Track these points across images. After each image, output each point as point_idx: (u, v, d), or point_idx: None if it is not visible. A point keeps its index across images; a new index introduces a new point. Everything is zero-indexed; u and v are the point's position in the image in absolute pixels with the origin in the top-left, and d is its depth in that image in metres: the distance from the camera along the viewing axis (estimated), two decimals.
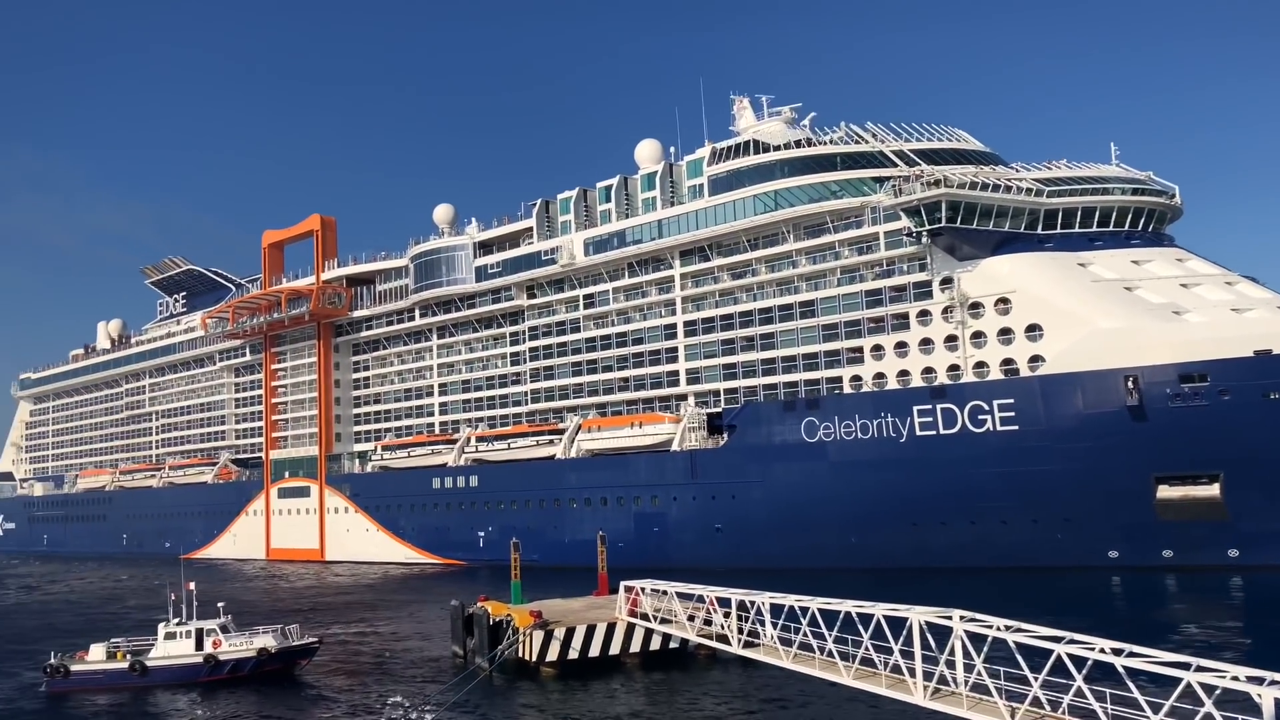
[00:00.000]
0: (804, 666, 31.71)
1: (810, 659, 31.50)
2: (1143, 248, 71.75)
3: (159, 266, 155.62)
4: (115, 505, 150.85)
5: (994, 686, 24.62)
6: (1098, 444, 65.06)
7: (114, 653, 45.62)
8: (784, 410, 78.48)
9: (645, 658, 42.61)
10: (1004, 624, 25.38)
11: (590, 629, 42.50)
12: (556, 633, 42.00)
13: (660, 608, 41.34)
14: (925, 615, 27.24)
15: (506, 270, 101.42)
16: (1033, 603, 49.74)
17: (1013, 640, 24.56)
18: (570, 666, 41.55)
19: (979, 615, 26.16)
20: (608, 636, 42.56)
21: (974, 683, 25.60)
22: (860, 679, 29.28)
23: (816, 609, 31.48)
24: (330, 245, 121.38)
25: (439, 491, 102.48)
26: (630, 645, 42.67)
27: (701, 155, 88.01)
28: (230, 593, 63.87)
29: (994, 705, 24.68)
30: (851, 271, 78.56)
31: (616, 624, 42.83)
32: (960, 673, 26.00)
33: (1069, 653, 23.15)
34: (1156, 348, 63.65)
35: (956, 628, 26.05)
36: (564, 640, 41.93)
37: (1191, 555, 64.68)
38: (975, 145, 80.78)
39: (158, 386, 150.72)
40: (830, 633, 30.67)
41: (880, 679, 28.52)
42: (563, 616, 44.33)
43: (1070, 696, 23.05)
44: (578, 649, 42.08)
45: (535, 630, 41.94)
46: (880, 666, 28.61)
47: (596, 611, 45.47)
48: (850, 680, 29.50)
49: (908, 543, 71.41)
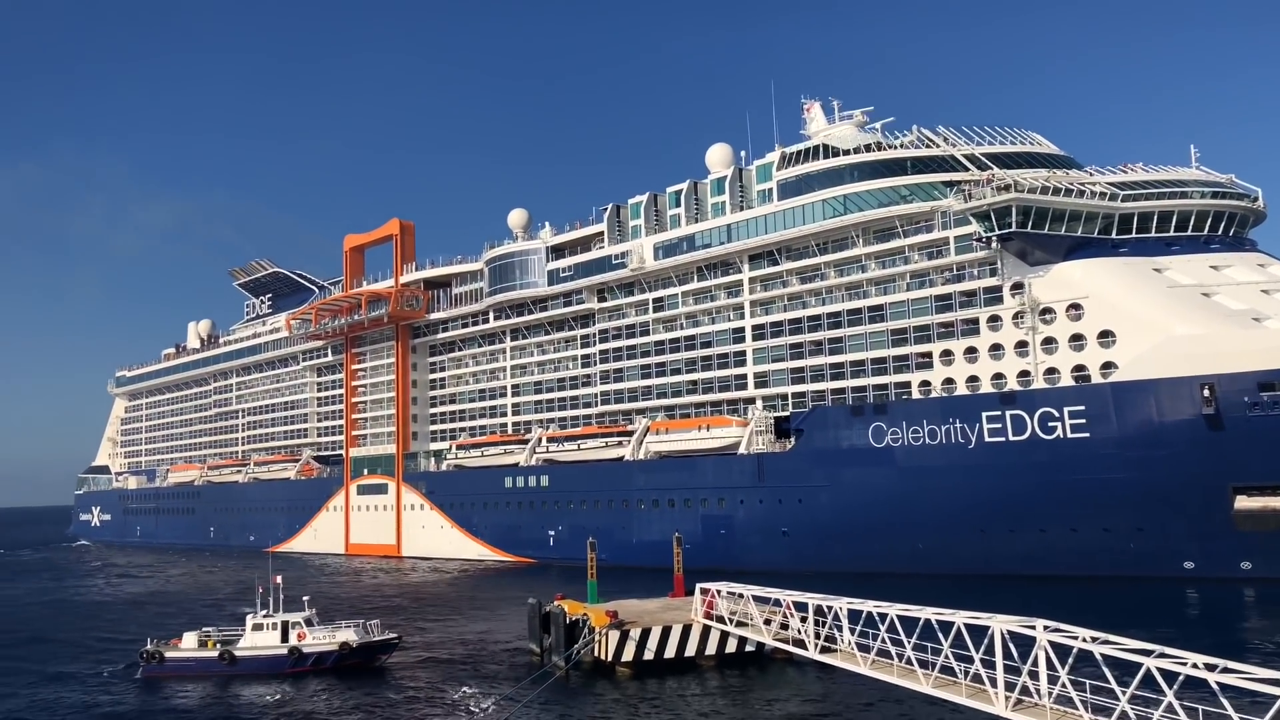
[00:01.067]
0: (882, 673, 31.19)
1: (888, 665, 31.01)
2: (1222, 252, 70.18)
3: (246, 269, 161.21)
4: (203, 499, 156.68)
5: (1079, 699, 23.84)
6: (1172, 453, 63.91)
7: (205, 641, 47.60)
8: (852, 415, 78.50)
9: (720, 660, 42.53)
10: (1090, 635, 24.58)
11: (666, 630, 42.46)
12: (632, 633, 42.04)
13: (736, 610, 41.25)
14: (1008, 624, 26.54)
15: (578, 274, 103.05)
16: (1104, 613, 49.36)
17: (1099, 652, 23.73)
18: (645, 667, 41.59)
19: (1063, 625, 25.35)
20: (683, 638, 42.53)
21: (1058, 694, 24.86)
22: (939, 687, 28.62)
23: (895, 615, 30.99)
24: (409, 249, 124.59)
25: (511, 490, 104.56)
26: (706, 648, 42.58)
27: (771, 160, 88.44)
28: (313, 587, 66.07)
29: (1079, 718, 23.95)
30: (921, 276, 78.23)
31: (692, 626, 42.80)
32: (1044, 684, 25.25)
33: (1160, 667, 22.22)
34: (1234, 355, 62.25)
35: (1040, 637, 25.25)
36: (639, 641, 41.94)
37: (1271, 568, 63.15)
38: (1049, 148, 79.75)
39: (244, 385, 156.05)
40: (909, 639, 30.07)
41: (960, 688, 27.89)
42: (638, 617, 44.45)
43: (1160, 712, 22.12)
44: (653, 650, 42.06)
45: (611, 630, 41.99)
46: (960, 675, 27.96)
47: (672, 613, 45.50)
48: (929, 688, 28.86)
49: (975, 549, 70.91)
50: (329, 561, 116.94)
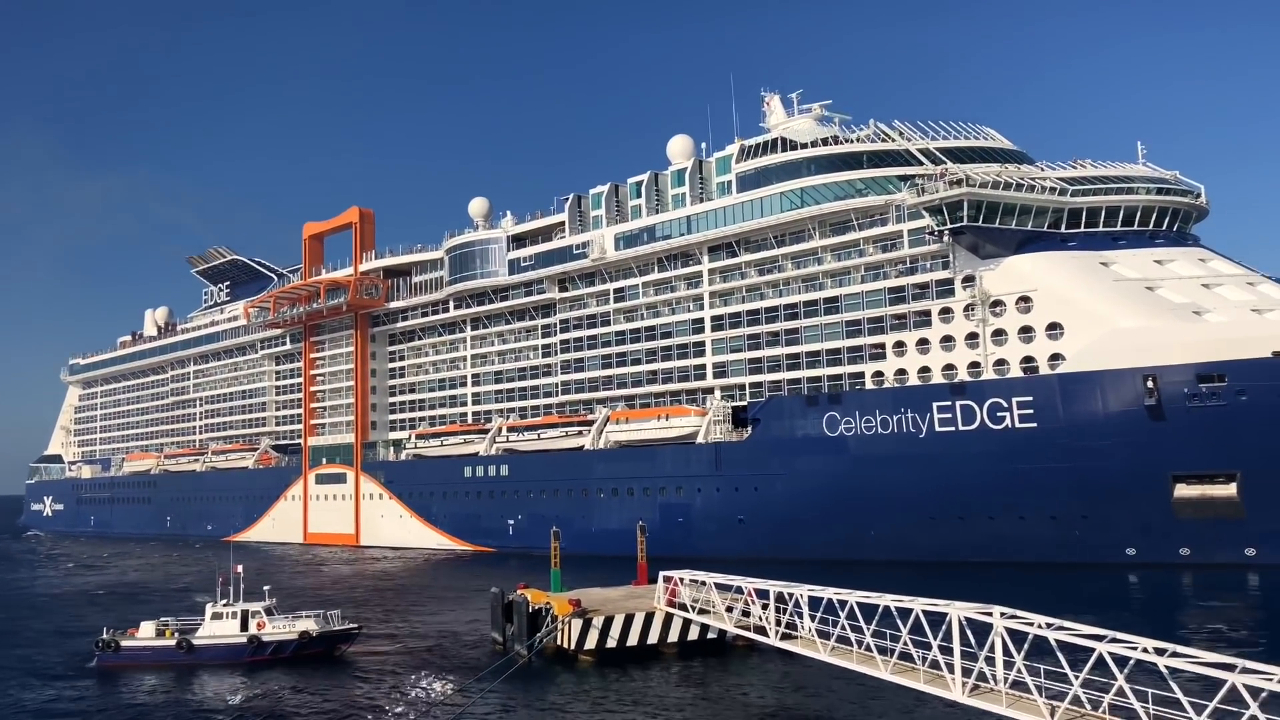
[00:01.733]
0: (841, 659, 31.51)
1: (848, 652, 31.29)
2: (1166, 247, 72.07)
3: (204, 256, 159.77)
4: (159, 488, 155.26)
5: (1034, 684, 24.26)
6: (1116, 442, 65.68)
7: (163, 630, 46.96)
8: (806, 405, 79.72)
9: (683, 647, 42.62)
10: (1045, 621, 25.00)
11: (629, 618, 42.44)
12: (595, 621, 42.03)
13: (699, 598, 41.29)
14: (965, 611, 26.85)
15: (539, 264, 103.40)
16: (1050, 599, 50.08)
17: (1053, 638, 24.16)
18: (608, 655, 41.54)
19: (1019, 612, 25.78)
20: (646, 626, 42.57)
21: (1013, 680, 25.20)
22: (898, 674, 28.96)
23: (855, 602, 31.21)
24: (368, 237, 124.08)
25: (470, 480, 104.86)
26: (668, 635, 42.66)
27: (730, 152, 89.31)
28: (273, 576, 65.37)
29: (1034, 703, 24.33)
30: (876, 268, 79.55)
31: (655, 613, 42.84)
32: (1000, 670, 25.58)
33: (1111, 651, 22.67)
34: (1176, 348, 64.11)
35: (997, 624, 25.61)
36: (602, 629, 41.95)
37: (1208, 553, 65.08)
38: (1002, 143, 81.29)
39: (202, 373, 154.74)
40: (869, 626, 30.41)
41: (918, 674, 28.15)
42: (601, 605, 44.44)
43: (1111, 696, 22.67)
44: (616, 638, 42.02)
45: (574, 618, 41.98)
46: (919, 662, 28.21)
47: (635, 600, 45.54)
48: (888, 675, 29.20)
49: (927, 537, 72.38)
50: (288, 551, 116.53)
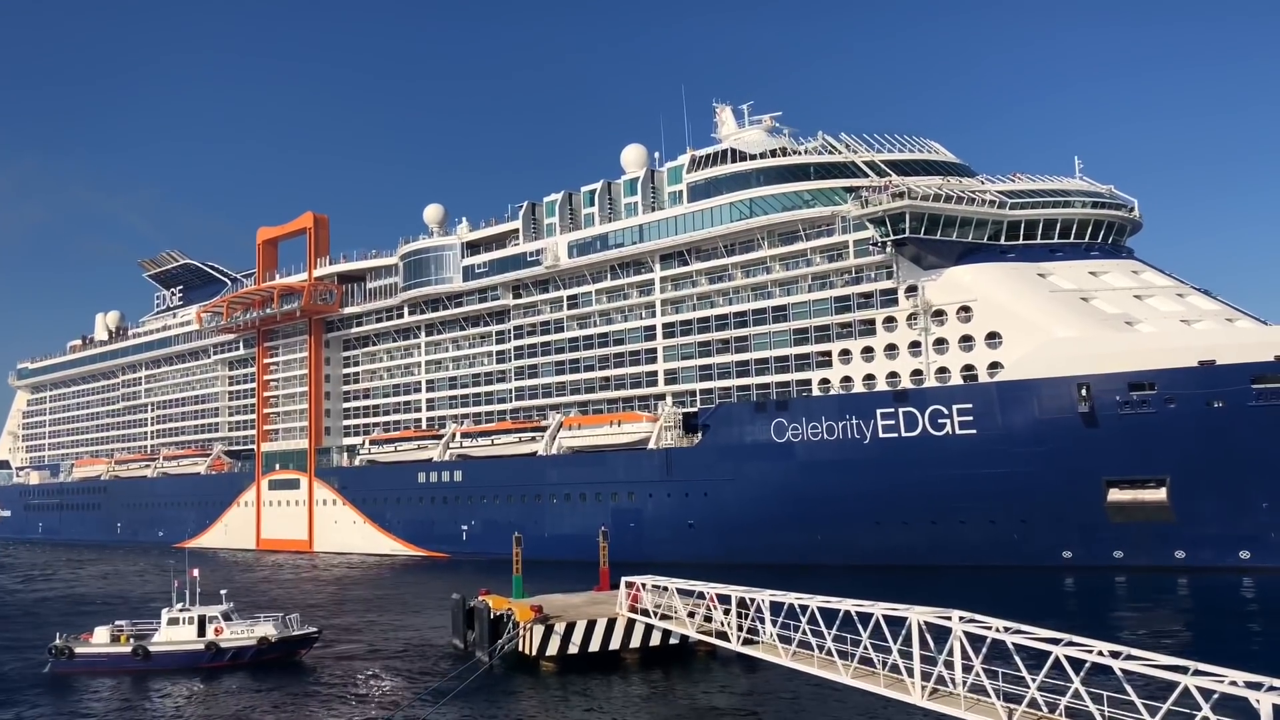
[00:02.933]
0: (802, 664, 31.72)
1: (809, 657, 31.47)
2: (1101, 259, 74.40)
3: (156, 260, 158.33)
4: (110, 494, 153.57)
5: (992, 688, 24.54)
6: (1052, 448, 67.71)
7: (118, 636, 46.16)
8: (755, 411, 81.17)
9: (645, 653, 42.67)
10: (1003, 625, 25.29)
11: (591, 624, 42.47)
12: (557, 627, 42.03)
13: (661, 604, 41.36)
14: (924, 615, 27.18)
15: (493, 270, 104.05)
16: (990, 601, 51.72)
17: (1011, 641, 24.51)
18: (570, 661, 41.59)
19: (978, 616, 26.10)
20: (608, 632, 42.56)
21: (972, 683, 25.54)
22: (858, 678, 29.21)
23: (816, 607, 31.40)
24: (323, 242, 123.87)
25: (424, 486, 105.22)
26: (630, 641, 42.66)
27: (681, 162, 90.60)
28: (227, 582, 64.61)
29: (991, 706, 24.57)
30: (822, 278, 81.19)
31: (617, 619, 42.81)
32: (959, 673, 25.89)
33: (1067, 654, 23.00)
34: (1108, 357, 66.23)
35: (955, 628, 25.95)
36: (564, 635, 41.98)
37: (1140, 556, 67.35)
38: (946, 156, 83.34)
39: (153, 378, 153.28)
40: (829, 631, 30.59)
41: (879, 678, 28.47)
42: (563, 611, 44.34)
43: (1067, 698, 23.02)
44: (578, 644, 42.09)
45: (536, 624, 41.93)
46: (879, 666, 28.56)
47: (597, 607, 45.47)
48: (848, 679, 29.43)
49: (871, 541, 74.00)
50: (241, 557, 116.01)
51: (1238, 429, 62.91)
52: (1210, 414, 63.47)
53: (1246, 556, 65.16)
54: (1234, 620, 52.51)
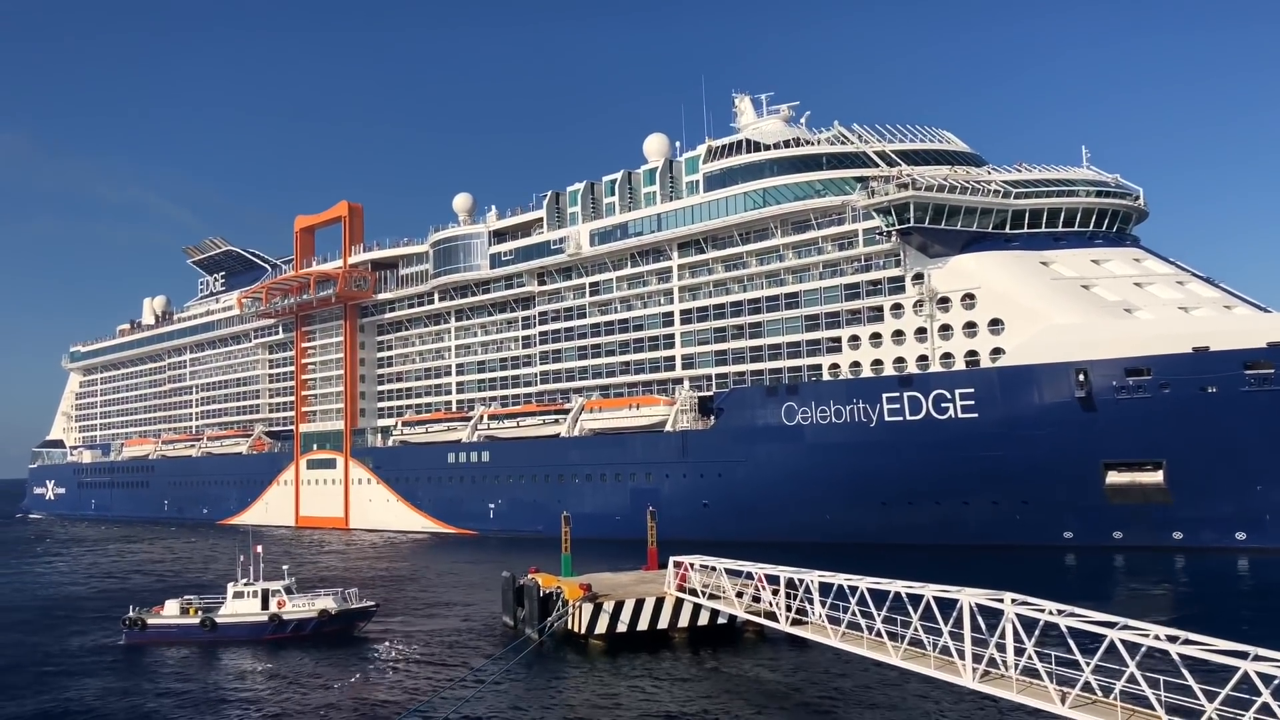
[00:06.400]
0: (852, 645, 31.51)
1: (858, 638, 31.22)
2: (1104, 247, 75.84)
3: (200, 247, 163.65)
4: (157, 473, 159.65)
5: (1044, 670, 24.24)
6: (1051, 432, 69.62)
7: (187, 609, 48.45)
8: (766, 395, 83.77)
9: (693, 633, 42.86)
10: (1056, 608, 24.85)
11: (639, 603, 42.75)
12: (605, 606, 42.29)
13: (709, 583, 41.58)
14: (976, 597, 26.79)
15: (518, 258, 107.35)
16: (994, 579, 53.25)
17: (1065, 624, 24.10)
18: (618, 639, 41.83)
19: (1031, 599, 25.75)
20: (656, 611, 42.81)
21: (1024, 666, 25.28)
22: (908, 659, 28.92)
23: (866, 588, 31.15)
24: (357, 230, 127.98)
25: (453, 466, 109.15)
26: (678, 620, 42.87)
27: (699, 152, 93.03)
28: (281, 558, 65.70)
29: (1044, 689, 24.23)
30: (833, 266, 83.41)
31: (665, 598, 43.11)
32: (1010, 656, 25.64)
33: (1122, 638, 22.55)
34: (1106, 343, 67.92)
35: (1008, 610, 25.60)
36: (613, 613, 42.21)
37: (1139, 536, 69.23)
38: (957, 146, 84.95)
39: (198, 361, 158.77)
40: (879, 612, 30.34)
41: (929, 660, 28.13)
42: (612, 590, 44.80)
43: (1123, 682, 22.50)
44: (626, 622, 42.29)
45: (585, 603, 42.29)
46: (929, 648, 28.23)
47: (645, 586, 45.90)
48: (898, 660, 29.16)
49: (878, 520, 76.41)
50: (283, 534, 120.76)
51: (1231, 413, 64.39)
52: (1204, 399, 65.05)
53: (1242, 537, 66.83)
54: (1229, 598, 54.08)
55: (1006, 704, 26.14)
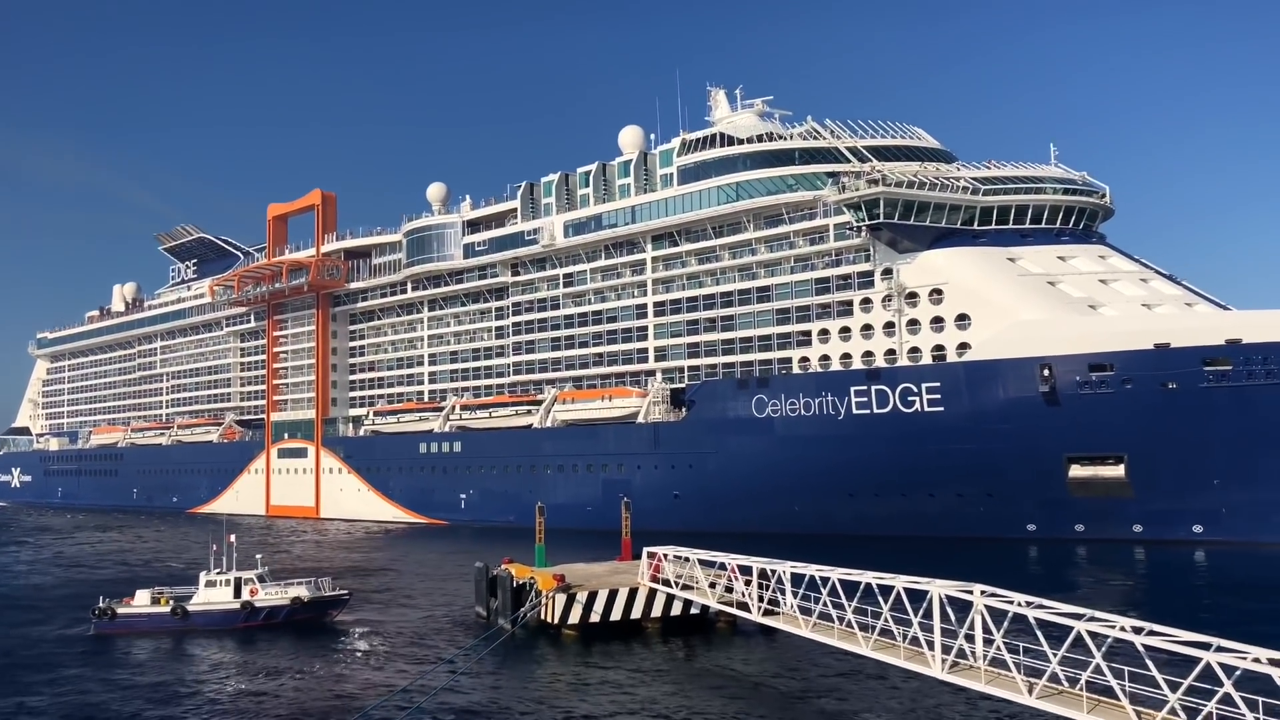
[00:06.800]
0: (823, 636, 31.72)
1: (829, 628, 31.48)
2: (1070, 244, 77.04)
3: (172, 234, 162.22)
4: (126, 461, 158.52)
5: (1012, 661, 24.54)
6: (1016, 426, 70.73)
7: (158, 598, 48.00)
8: (737, 387, 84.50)
9: (666, 623, 43.01)
10: (1024, 600, 25.15)
11: (612, 593, 42.81)
12: (579, 596, 42.39)
13: (682, 574, 41.66)
14: (946, 589, 26.99)
15: (492, 248, 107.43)
16: (958, 571, 53.85)
17: (1033, 616, 24.42)
18: (592, 630, 41.95)
19: (999, 590, 25.95)
20: (629, 601, 42.93)
21: (992, 657, 25.51)
22: (879, 650, 29.17)
23: (837, 579, 31.33)
24: (330, 219, 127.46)
25: (425, 456, 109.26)
26: (651, 610, 43.02)
27: (673, 145, 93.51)
28: (252, 548, 66.23)
29: (1012, 680, 24.54)
30: (804, 260, 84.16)
31: (638, 589, 43.16)
32: (979, 647, 25.85)
33: (1089, 630, 22.92)
34: (1070, 339, 69.05)
35: (977, 602, 25.79)
36: (586, 604, 42.32)
37: (1100, 529, 70.46)
38: (928, 142, 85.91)
39: (168, 349, 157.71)
40: (850, 603, 30.53)
41: (899, 650, 28.40)
42: (585, 580, 44.84)
43: (1089, 673, 22.82)
44: (599, 613, 42.40)
45: (558, 593, 42.39)
46: (899, 638, 28.52)
47: (619, 576, 45.97)
48: (869, 651, 29.40)
49: (845, 512, 77.33)
50: (254, 523, 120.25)
51: (1190, 409, 65.78)
52: (1165, 394, 66.33)
53: (1200, 531, 68.24)
54: (1187, 590, 55.54)
55: (975, 694, 26.39)
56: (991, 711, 29.44)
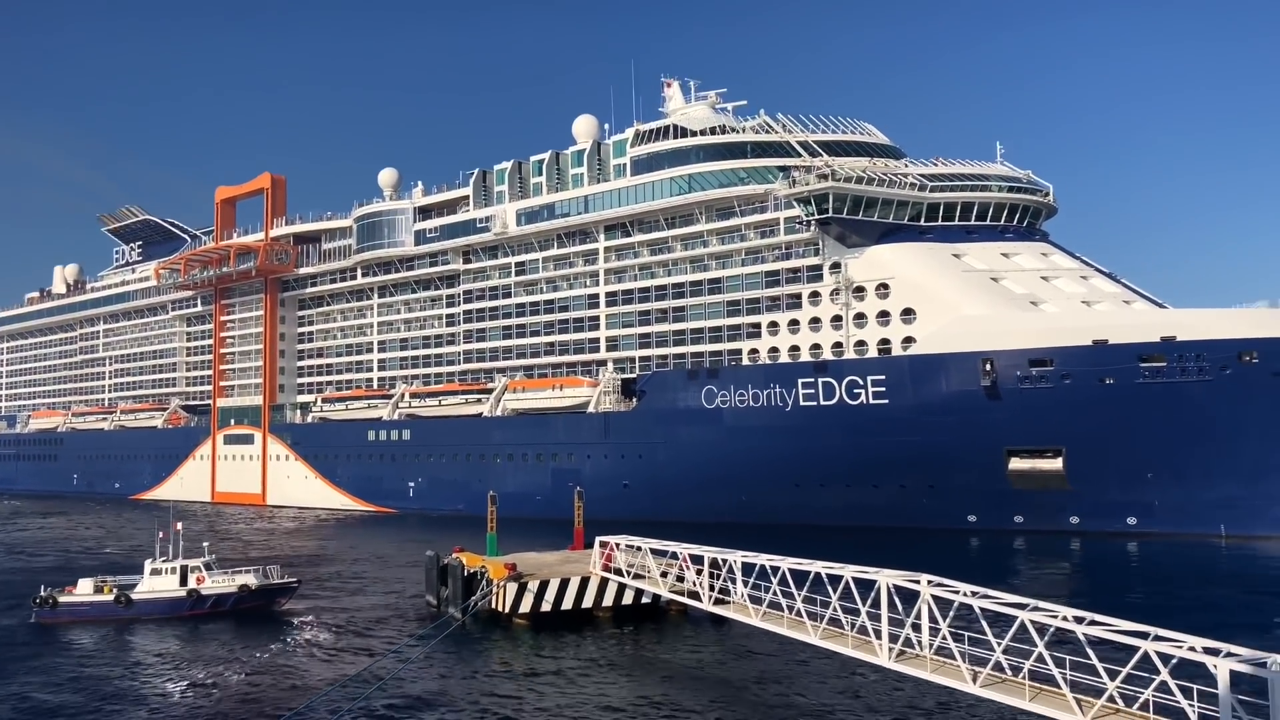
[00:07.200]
0: (772, 625, 32.07)
1: (779, 617, 31.78)
2: (1014, 241, 78.52)
3: (116, 215, 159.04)
4: (67, 446, 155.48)
5: (957, 650, 24.81)
6: (958, 419, 72.06)
7: (101, 587, 47.28)
8: (687, 378, 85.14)
9: (617, 612, 43.09)
10: (970, 589, 25.45)
11: (564, 582, 42.97)
12: (530, 585, 42.46)
13: (634, 563, 41.76)
14: (893, 578, 27.36)
15: (444, 235, 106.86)
16: (900, 561, 54.71)
17: (978, 605, 24.72)
18: (543, 619, 42.15)
19: (946, 580, 26.31)
20: (581, 590, 43.09)
21: (938, 646, 25.84)
22: (827, 639, 29.47)
23: (787, 569, 31.62)
24: (280, 203, 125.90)
25: (374, 443, 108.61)
26: (603, 599, 43.18)
27: (627, 136, 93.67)
28: (198, 535, 65.24)
29: (956, 668, 24.89)
30: (755, 253, 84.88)
31: (590, 578, 43.35)
32: (925, 636, 26.21)
33: (1032, 619, 23.37)
34: (1012, 334, 70.53)
35: (924, 591, 26.19)
36: (537, 593, 42.44)
37: (1039, 521, 72.24)
38: (877, 138, 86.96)
39: (112, 333, 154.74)
40: (799, 592, 30.74)
41: (847, 639, 28.73)
42: (537, 569, 44.89)
43: (1031, 662, 23.35)
44: (551, 602, 42.54)
45: (509, 582, 42.43)
46: (847, 627, 28.81)
47: (570, 565, 46.06)
48: (817, 640, 29.69)
49: (791, 502, 78.27)
50: (198, 510, 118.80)
51: (1126, 404, 67.51)
52: (1102, 390, 68.01)
53: (1133, 522, 70.15)
54: (1121, 580, 57.01)
55: (921, 683, 26.81)
56: (938, 701, 30.03)
